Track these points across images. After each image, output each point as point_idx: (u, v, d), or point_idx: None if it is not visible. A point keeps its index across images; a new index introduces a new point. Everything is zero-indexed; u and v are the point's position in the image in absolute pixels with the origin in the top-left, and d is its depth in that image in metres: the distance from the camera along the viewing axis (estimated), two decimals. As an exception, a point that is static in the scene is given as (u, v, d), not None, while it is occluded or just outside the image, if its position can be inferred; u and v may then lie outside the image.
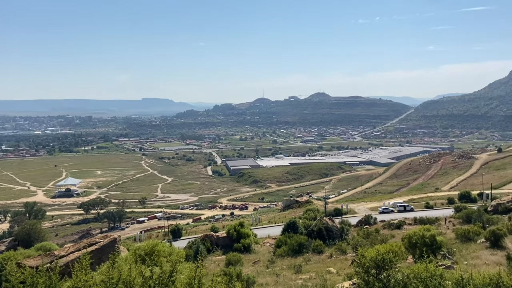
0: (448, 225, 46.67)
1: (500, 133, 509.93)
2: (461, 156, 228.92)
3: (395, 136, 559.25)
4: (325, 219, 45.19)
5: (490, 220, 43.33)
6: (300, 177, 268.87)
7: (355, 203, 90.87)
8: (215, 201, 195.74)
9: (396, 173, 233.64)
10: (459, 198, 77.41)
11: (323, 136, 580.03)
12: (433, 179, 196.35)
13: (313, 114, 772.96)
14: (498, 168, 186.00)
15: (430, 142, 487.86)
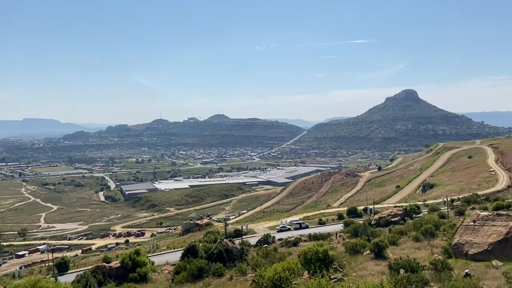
0: (338, 239, 49.85)
1: (379, 153, 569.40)
2: (348, 174, 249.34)
3: (290, 157, 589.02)
4: (225, 241, 44.97)
5: (374, 232, 47.43)
6: (200, 199, 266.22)
7: (254, 223, 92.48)
8: (108, 229, 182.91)
9: (292, 192, 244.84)
10: (347, 213, 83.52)
11: (223, 157, 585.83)
12: (325, 196, 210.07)
13: (213, 135, 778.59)
14: (379, 184, 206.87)
15: (322, 161, 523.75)
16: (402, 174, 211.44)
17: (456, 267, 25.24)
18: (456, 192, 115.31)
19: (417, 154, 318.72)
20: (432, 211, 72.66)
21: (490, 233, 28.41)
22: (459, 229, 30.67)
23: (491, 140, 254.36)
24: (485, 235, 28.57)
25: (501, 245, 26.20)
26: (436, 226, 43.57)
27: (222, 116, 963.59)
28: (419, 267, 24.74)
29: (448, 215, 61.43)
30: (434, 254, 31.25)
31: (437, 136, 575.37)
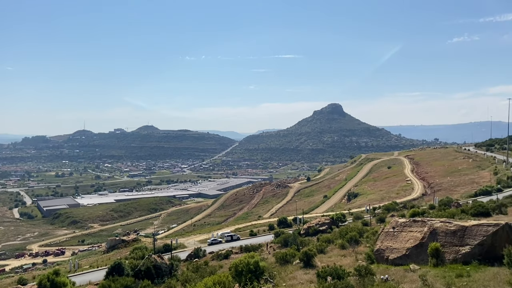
0: (269, 250, 50.32)
1: (308, 164, 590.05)
2: (278, 185, 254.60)
3: (222, 169, 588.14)
4: (153, 257, 43.29)
5: (303, 242, 48.58)
6: (127, 214, 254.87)
7: (185, 237, 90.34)
8: (23, 248, 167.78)
9: (223, 204, 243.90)
10: (278, 224, 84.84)
11: (152, 170, 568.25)
12: (256, 207, 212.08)
13: (142, 147, 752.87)
14: (308, 195, 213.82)
15: (253, 173, 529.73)
16: (329, 184, 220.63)
17: (378, 272, 26.58)
18: (377, 200, 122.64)
19: (342, 165, 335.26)
20: (356, 219, 76.41)
21: (407, 238, 30.34)
22: (380, 236, 32.42)
23: (407, 151, 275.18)
24: (403, 240, 30.44)
25: (417, 249, 28.08)
26: (360, 234, 45.73)
27: (151, 127, 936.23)
28: (345, 274, 25.68)
29: (370, 223, 64.99)
30: (358, 261, 32.67)
31: (360, 148, 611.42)
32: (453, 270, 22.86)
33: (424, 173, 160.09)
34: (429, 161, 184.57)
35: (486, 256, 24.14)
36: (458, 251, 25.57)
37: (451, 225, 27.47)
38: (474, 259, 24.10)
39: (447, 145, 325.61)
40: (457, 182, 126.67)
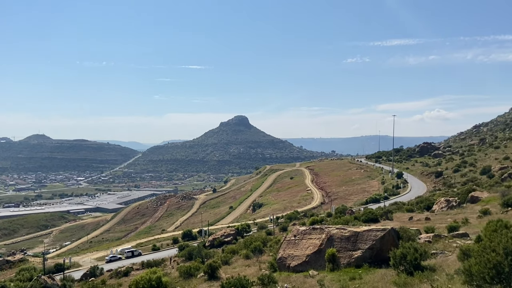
0: (173, 264, 48.81)
1: (214, 175, 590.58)
2: (184, 197, 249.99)
3: (123, 181, 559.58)
4: (43, 278, 39.30)
5: (208, 254, 48.10)
6: (13, 231, 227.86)
7: (80, 255, 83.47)
8: None
9: (124, 218, 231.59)
10: (183, 237, 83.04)
11: (43, 183, 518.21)
12: (160, 221, 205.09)
13: (31, 158, 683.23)
14: (214, 206, 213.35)
15: (157, 185, 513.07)
16: (235, 195, 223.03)
17: (280, 279, 27.32)
18: (281, 210, 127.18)
19: (248, 176, 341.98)
20: (261, 229, 78.17)
21: (307, 245, 31.75)
22: (283, 244, 33.46)
23: (308, 162, 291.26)
24: (303, 247, 31.78)
25: (316, 255, 29.51)
26: (264, 243, 46.74)
27: (42, 136, 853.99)
28: (249, 284, 25.90)
29: (274, 232, 66.95)
30: (261, 270, 33.26)
31: (265, 159, 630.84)
32: (347, 273, 24.44)
33: (323, 183, 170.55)
34: (327, 172, 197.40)
35: (375, 259, 26.27)
36: (351, 255, 27.45)
37: (345, 231, 29.43)
38: (365, 262, 26.06)
39: (343, 157, 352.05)
40: (351, 191, 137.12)
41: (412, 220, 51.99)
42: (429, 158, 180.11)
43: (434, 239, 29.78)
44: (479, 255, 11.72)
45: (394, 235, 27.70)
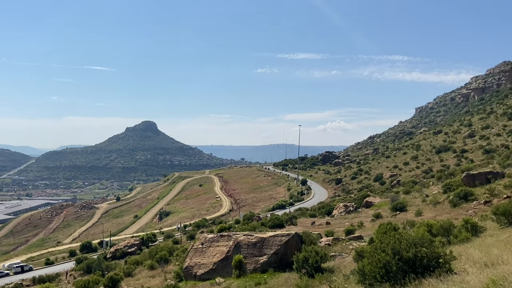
0: (69, 279, 45.09)
1: (118, 183, 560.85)
2: (83, 206, 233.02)
3: (13, 189, 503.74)
4: None
5: (109, 266, 45.36)
6: None
7: (-45, 275, 72.78)
8: None
9: (13, 230, 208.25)
10: (81, 249, 77.28)
11: None
12: (55, 232, 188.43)
13: None
14: (117, 215, 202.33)
15: (53, 194, 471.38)
16: (140, 204, 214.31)
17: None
18: (189, 218, 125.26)
19: (155, 183, 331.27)
20: (167, 238, 76.02)
21: (215, 253, 31.61)
22: (190, 253, 32.87)
23: (217, 170, 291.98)
24: (210, 255, 31.58)
25: (223, 263, 29.51)
26: (170, 252, 45.48)
27: None
28: (153, 296, 24.91)
29: (181, 240, 65.59)
30: (167, 280, 32.29)
31: (174, 166, 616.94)
32: (253, 279, 24.82)
33: (232, 190, 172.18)
34: (236, 179, 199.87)
35: (280, 264, 27.11)
36: (257, 261, 27.97)
37: (252, 237, 29.93)
38: (271, 267, 26.74)
39: (252, 164, 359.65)
40: (259, 197, 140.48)
41: (315, 224, 54.90)
42: (331, 166, 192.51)
43: (333, 242, 31.69)
44: (371, 256, 12.69)
45: (297, 240, 28.88)
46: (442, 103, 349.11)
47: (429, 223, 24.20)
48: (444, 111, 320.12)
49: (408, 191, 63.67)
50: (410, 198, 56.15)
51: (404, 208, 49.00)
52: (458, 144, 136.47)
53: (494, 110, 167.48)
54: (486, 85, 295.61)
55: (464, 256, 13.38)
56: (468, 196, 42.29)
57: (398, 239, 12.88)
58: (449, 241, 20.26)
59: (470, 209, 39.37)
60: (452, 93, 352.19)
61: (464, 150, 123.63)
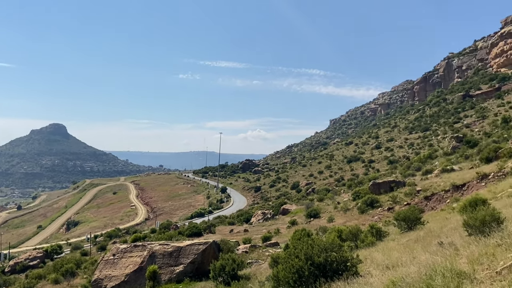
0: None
1: (21, 190, 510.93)
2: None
3: None
4: None
5: (8, 281, 41.17)
6: None
7: None
8: None
9: None
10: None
11: None
12: None
13: None
14: (18, 226, 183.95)
15: None
16: (46, 213, 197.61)
17: (95, 304, 25.06)
18: (100, 227, 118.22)
19: (63, 191, 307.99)
20: (75, 249, 70.88)
21: (127, 264, 30.10)
22: (100, 264, 30.91)
23: (134, 177, 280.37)
24: (123, 267, 30.01)
25: (136, 274, 28.20)
26: (77, 265, 42.40)
27: None
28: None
29: (90, 252, 61.54)
30: (74, 295, 30.04)
31: (85, 173, 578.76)
32: (168, 289, 24.10)
33: (149, 198, 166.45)
34: (154, 187, 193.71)
35: (197, 273, 26.65)
36: (173, 271, 27.19)
37: (168, 246, 29.07)
38: (187, 276, 26.16)
39: (170, 172, 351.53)
40: (177, 206, 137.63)
41: (233, 232, 55.10)
42: (250, 174, 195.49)
43: (250, 249, 32.03)
44: (285, 262, 13.00)
45: (215, 248, 28.68)
46: (354, 116, 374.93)
47: (339, 229, 25.56)
48: (355, 123, 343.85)
49: (321, 199, 66.92)
50: (324, 205, 59.01)
51: (318, 214, 51.30)
52: (367, 154, 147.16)
53: (398, 124, 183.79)
54: (391, 101, 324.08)
55: (369, 259, 14.29)
56: (374, 203, 45.62)
57: (311, 245, 13.36)
58: (357, 245, 21.56)
59: (376, 215, 42.52)
60: (362, 107, 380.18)
61: (372, 160, 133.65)
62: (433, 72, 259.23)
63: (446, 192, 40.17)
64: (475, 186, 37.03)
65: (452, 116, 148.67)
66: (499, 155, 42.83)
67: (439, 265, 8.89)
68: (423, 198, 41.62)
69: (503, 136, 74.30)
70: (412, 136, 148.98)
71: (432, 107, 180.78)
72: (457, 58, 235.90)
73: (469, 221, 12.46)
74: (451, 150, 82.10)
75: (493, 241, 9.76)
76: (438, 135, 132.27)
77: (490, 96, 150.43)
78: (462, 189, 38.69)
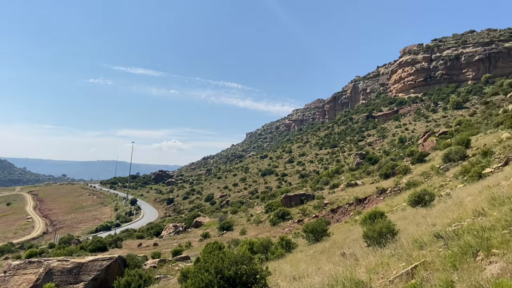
0: None
1: None
2: None
3: None
4: None
5: None
6: None
7: None
8: None
9: None
10: None
11: None
12: None
13: None
14: None
15: None
16: None
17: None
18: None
19: None
20: (-45, 268, 62.07)
21: (20, 282, 27.22)
22: (-15, 285, 27.45)
23: (32, 187, 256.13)
24: (15, 285, 27.07)
25: (29, 294, 25.58)
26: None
27: None
28: None
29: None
30: (-51, 322, 26.17)
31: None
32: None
33: (48, 210, 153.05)
34: (55, 198, 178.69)
35: (100, 290, 24.92)
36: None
37: (68, 263, 26.83)
38: (88, 295, 24.32)
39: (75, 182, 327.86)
40: (80, 218, 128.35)
41: (141, 246, 52.73)
42: (163, 185, 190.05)
43: (159, 264, 30.86)
44: (195, 276, 12.70)
45: (120, 263, 27.14)
46: (269, 130, 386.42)
47: (251, 241, 25.83)
48: (270, 137, 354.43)
49: (235, 211, 67.30)
50: (237, 217, 59.36)
51: (231, 227, 51.41)
52: (280, 168, 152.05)
53: (309, 140, 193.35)
54: (304, 118, 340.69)
55: (278, 271, 14.59)
56: (285, 216, 47.06)
57: (221, 258, 13.25)
58: (267, 257, 21.93)
59: (287, 227, 43.87)
60: (277, 122, 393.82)
61: (285, 173, 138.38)
62: (342, 93, 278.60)
63: (350, 205, 42.96)
64: (375, 199, 40.17)
65: (357, 134, 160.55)
66: (396, 171, 47.09)
67: (340, 275, 9.36)
68: (330, 210, 43.99)
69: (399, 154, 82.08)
70: (322, 151, 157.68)
71: (340, 126, 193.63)
72: (363, 81, 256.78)
73: (368, 232, 13.37)
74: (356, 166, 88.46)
75: (388, 252, 10.54)
76: (344, 152, 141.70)
77: (389, 118, 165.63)
78: (364, 203, 41.70)
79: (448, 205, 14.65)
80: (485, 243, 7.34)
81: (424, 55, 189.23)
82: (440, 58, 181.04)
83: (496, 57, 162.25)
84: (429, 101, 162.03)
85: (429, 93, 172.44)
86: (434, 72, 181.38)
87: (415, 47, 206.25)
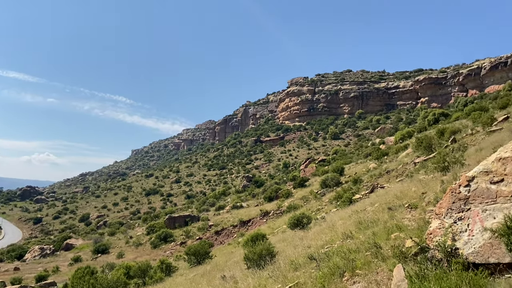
0: None
1: None
2: None
3: None
4: None
5: None
6: None
7: None
8: None
9: None
10: None
11: None
12: None
13: None
14: None
15: None
16: None
17: None
18: None
19: None
20: None
21: None
22: None
23: None
24: None
25: None
26: None
27: None
28: None
29: None
30: None
31: None
32: None
33: None
34: None
35: None
36: None
37: None
38: None
39: None
40: None
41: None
42: (31, 203, 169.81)
43: (18, 292, 27.09)
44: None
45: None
46: (157, 148, 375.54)
47: (128, 265, 24.25)
48: (157, 156, 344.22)
49: (113, 233, 62.99)
50: (115, 239, 55.56)
51: (106, 250, 47.80)
52: (166, 188, 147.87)
53: (198, 160, 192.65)
54: (194, 138, 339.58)
55: (154, 297, 13.83)
56: (168, 238, 45.52)
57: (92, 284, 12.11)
58: (145, 282, 20.75)
59: (168, 250, 42.38)
60: (166, 141, 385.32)
61: (171, 194, 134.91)
62: (233, 116, 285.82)
63: (234, 227, 43.45)
64: (259, 222, 41.33)
65: (245, 157, 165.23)
66: (279, 195, 49.33)
67: (218, 300, 9.19)
68: (214, 232, 43.88)
69: (283, 178, 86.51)
70: (210, 173, 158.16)
71: (230, 148, 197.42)
72: (253, 107, 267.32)
73: (249, 255, 13.53)
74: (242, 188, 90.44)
75: (266, 274, 10.75)
76: (232, 174, 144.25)
77: (276, 143, 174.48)
78: (248, 225, 42.58)
79: (323, 228, 15.68)
80: (351, 264, 7.92)
81: (309, 88, 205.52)
82: (322, 91, 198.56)
83: (367, 95, 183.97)
84: (311, 130, 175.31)
85: (312, 123, 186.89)
86: (316, 104, 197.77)
87: (301, 79, 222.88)
